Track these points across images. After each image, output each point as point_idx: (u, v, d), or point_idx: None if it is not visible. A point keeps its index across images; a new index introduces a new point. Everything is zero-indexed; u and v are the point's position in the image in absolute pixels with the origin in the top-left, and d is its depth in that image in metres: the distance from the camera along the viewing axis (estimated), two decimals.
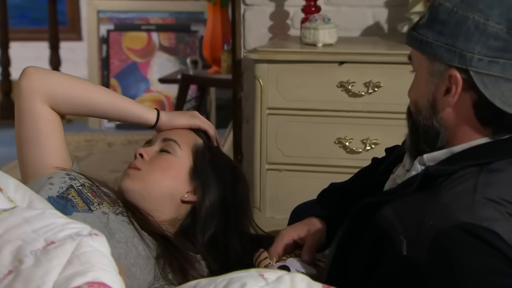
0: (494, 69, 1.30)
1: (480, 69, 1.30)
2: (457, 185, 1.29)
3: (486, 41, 1.29)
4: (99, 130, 5.29)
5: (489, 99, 1.30)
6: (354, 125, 2.49)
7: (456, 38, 1.31)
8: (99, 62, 5.37)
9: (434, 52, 1.34)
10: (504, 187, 1.27)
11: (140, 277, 1.55)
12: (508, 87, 1.29)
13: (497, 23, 1.29)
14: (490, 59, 1.29)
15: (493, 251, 1.19)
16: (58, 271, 1.06)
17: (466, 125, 1.35)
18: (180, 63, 5.25)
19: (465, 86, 1.32)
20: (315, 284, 1.17)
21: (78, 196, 1.59)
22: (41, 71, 1.65)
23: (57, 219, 1.16)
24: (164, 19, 5.35)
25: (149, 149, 1.69)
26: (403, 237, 1.29)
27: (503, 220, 1.22)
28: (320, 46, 2.54)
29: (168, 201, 1.67)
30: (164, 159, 1.67)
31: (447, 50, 1.32)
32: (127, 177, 1.67)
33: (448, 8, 1.34)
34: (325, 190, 1.72)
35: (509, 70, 1.29)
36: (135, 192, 1.65)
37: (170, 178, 1.67)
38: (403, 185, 1.39)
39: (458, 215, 1.23)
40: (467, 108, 1.34)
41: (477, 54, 1.30)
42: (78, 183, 1.62)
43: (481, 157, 1.32)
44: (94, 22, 5.37)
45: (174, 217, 1.69)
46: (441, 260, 1.22)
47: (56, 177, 1.62)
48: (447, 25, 1.33)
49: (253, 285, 1.13)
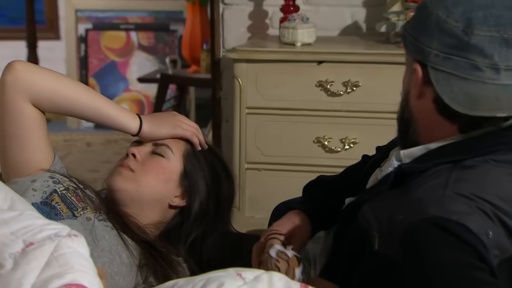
0: (448, 65, 1.31)
1: (436, 65, 1.32)
2: (429, 181, 1.30)
3: (443, 38, 1.31)
4: (77, 129, 5.26)
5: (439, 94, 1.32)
6: (332, 125, 2.50)
7: (420, 32, 1.35)
8: (78, 61, 5.34)
9: (407, 45, 1.39)
10: (476, 184, 1.28)
11: (123, 285, 1.54)
12: (459, 85, 1.31)
13: (456, 21, 1.31)
14: (445, 56, 1.31)
15: (462, 245, 1.20)
16: (36, 273, 1.05)
17: (432, 119, 1.36)
18: (159, 62, 5.23)
19: (425, 80, 1.34)
20: (293, 283, 1.18)
21: (61, 201, 1.57)
22: (27, 67, 1.61)
23: (36, 220, 1.15)
24: (143, 18, 5.33)
25: (141, 150, 1.67)
26: (376, 233, 1.31)
27: (474, 214, 1.23)
28: (299, 45, 2.55)
29: (156, 204, 1.67)
30: (157, 162, 1.66)
31: (413, 44, 1.36)
32: (119, 176, 1.64)
33: (424, 3, 1.37)
34: (313, 181, 1.73)
35: (461, 67, 1.30)
36: (126, 192, 1.63)
37: (162, 182, 1.66)
38: (379, 182, 1.41)
39: (428, 209, 1.24)
40: (429, 102, 1.36)
41: (434, 50, 1.32)
42: (62, 187, 1.60)
43: (454, 154, 1.33)
44: (72, 21, 5.34)
45: (159, 220, 1.69)
46: (411, 254, 1.23)
47: (39, 180, 1.60)
48: (419, 19, 1.37)
49: (231, 285, 1.13)
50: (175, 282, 1.20)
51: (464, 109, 1.30)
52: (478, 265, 1.19)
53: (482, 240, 1.21)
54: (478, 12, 1.31)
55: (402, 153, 1.40)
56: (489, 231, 1.22)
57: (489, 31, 1.29)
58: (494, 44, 1.29)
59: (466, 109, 1.30)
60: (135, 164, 1.65)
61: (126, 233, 1.59)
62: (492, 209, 1.25)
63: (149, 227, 1.67)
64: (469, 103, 1.30)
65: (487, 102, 1.30)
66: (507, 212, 1.26)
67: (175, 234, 1.68)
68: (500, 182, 1.30)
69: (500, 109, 1.31)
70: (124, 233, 1.59)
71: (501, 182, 1.30)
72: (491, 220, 1.24)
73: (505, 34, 1.29)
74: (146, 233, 1.65)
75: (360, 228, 1.36)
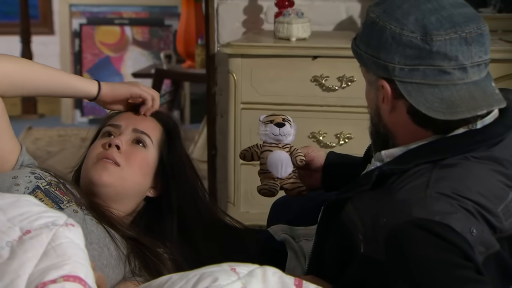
0: (415, 76, 1.31)
1: (403, 78, 1.32)
2: (410, 182, 1.30)
3: (403, 51, 1.31)
4: (72, 125, 5.25)
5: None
6: (327, 120, 2.50)
7: (379, 50, 1.34)
8: (72, 56, 5.33)
9: (365, 63, 1.38)
10: (457, 181, 1.27)
11: (113, 277, 1.53)
12: (431, 92, 1.30)
13: (411, 32, 1.31)
14: (410, 67, 1.31)
15: (446, 245, 1.20)
16: (33, 263, 1.05)
17: (407, 129, 1.36)
18: (153, 57, 5.22)
19: (395, 94, 1.34)
20: (287, 277, 1.18)
21: (45, 196, 1.54)
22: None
23: (33, 207, 1.14)
24: (137, 13, 5.32)
25: (123, 139, 1.65)
26: (361, 235, 1.31)
27: (456, 213, 1.23)
28: (293, 40, 2.55)
29: (136, 197, 1.67)
30: (140, 154, 1.65)
31: (373, 62, 1.35)
32: (104, 171, 1.61)
33: (372, 18, 1.36)
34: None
35: (429, 75, 1.30)
36: (111, 187, 1.62)
37: (144, 175, 1.66)
38: (360, 181, 1.40)
39: (411, 210, 1.23)
40: (403, 114, 1.35)
41: (398, 64, 1.32)
42: (44, 182, 1.57)
43: (434, 153, 1.33)
44: (67, 16, 5.32)
45: (133, 210, 1.68)
46: (396, 256, 1.23)
47: (21, 176, 1.57)
48: (372, 36, 1.35)
49: (225, 280, 1.13)
50: (169, 277, 1.20)
51: (444, 116, 1.30)
52: (463, 263, 1.19)
53: (466, 238, 1.21)
54: (431, 18, 1.31)
55: (383, 153, 1.40)
56: (473, 229, 1.22)
57: (447, 34, 1.29)
58: (455, 45, 1.29)
59: (446, 115, 1.30)
60: (120, 157, 1.62)
61: (109, 226, 1.59)
62: (474, 207, 1.25)
63: (125, 218, 1.66)
64: (447, 108, 1.30)
65: (464, 103, 1.30)
66: (490, 209, 1.26)
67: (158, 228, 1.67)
68: (482, 179, 1.29)
69: (479, 106, 1.31)
70: (108, 226, 1.58)
71: (482, 179, 1.29)
72: (474, 218, 1.24)
73: (462, 33, 1.30)
74: (126, 225, 1.64)
75: (344, 226, 1.36)
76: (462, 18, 1.31)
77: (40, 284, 1.02)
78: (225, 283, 1.13)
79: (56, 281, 1.02)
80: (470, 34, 1.30)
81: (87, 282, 1.05)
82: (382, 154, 1.40)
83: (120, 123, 1.69)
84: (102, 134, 1.70)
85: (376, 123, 1.42)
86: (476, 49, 1.30)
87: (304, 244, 1.68)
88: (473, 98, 1.30)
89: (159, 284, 1.20)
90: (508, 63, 2.36)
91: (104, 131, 1.69)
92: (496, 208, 1.27)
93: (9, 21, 5.54)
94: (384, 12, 1.34)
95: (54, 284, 1.02)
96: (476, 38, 1.30)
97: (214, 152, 2.97)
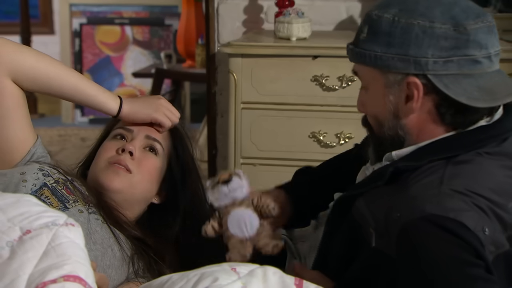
0: (450, 68, 1.31)
1: (437, 71, 1.31)
2: (424, 178, 1.30)
3: (437, 43, 1.31)
4: (72, 124, 5.25)
5: (454, 98, 1.31)
6: (328, 119, 2.50)
7: (407, 46, 1.32)
8: (72, 56, 5.33)
9: (387, 64, 1.35)
10: (470, 178, 1.28)
11: (115, 278, 1.53)
12: (468, 82, 1.31)
13: (443, 24, 1.31)
14: (445, 59, 1.31)
15: (459, 242, 1.20)
16: (33, 263, 1.05)
17: (429, 126, 1.36)
18: (154, 57, 5.22)
19: (426, 90, 1.33)
20: (287, 277, 1.18)
21: (52, 195, 1.55)
22: (9, 44, 1.58)
23: (32, 207, 1.15)
24: (137, 12, 5.32)
25: (136, 144, 1.65)
26: (372, 230, 1.31)
27: (470, 211, 1.23)
28: (294, 40, 2.55)
29: (142, 203, 1.68)
30: (151, 162, 1.65)
31: (400, 60, 1.33)
32: (116, 177, 1.61)
33: (389, 19, 1.34)
34: (301, 169, 1.75)
35: (464, 65, 1.31)
36: (121, 194, 1.62)
37: (152, 182, 1.66)
38: (374, 176, 1.40)
39: (425, 206, 1.24)
40: (428, 111, 1.35)
41: (431, 58, 1.31)
42: (51, 180, 1.57)
43: (447, 150, 1.33)
44: (67, 16, 5.32)
45: (137, 216, 1.69)
46: (408, 251, 1.23)
47: (29, 172, 1.57)
48: (393, 35, 1.33)
49: (225, 279, 1.13)
50: (169, 277, 1.20)
51: (485, 103, 1.31)
52: (474, 261, 1.19)
53: (479, 236, 1.21)
54: (455, 9, 1.32)
55: (394, 154, 1.39)
56: (486, 228, 1.23)
57: (476, 23, 1.32)
58: (485, 33, 1.32)
59: (487, 102, 1.32)
60: (132, 164, 1.62)
61: (115, 227, 1.59)
62: (487, 204, 1.25)
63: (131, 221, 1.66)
64: (487, 95, 1.31)
65: (499, 89, 1.32)
66: (501, 205, 1.27)
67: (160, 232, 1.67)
68: (493, 175, 1.30)
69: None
70: (114, 226, 1.58)
71: (493, 175, 1.30)
72: (487, 216, 1.25)
73: (486, 22, 1.33)
74: (133, 227, 1.64)
75: (354, 222, 1.36)
76: (478, 9, 1.34)
77: (40, 284, 1.02)
78: (225, 283, 1.13)
79: (56, 281, 1.02)
80: (490, 23, 1.33)
81: (87, 282, 1.05)
82: (393, 154, 1.39)
83: (132, 128, 1.68)
84: (114, 136, 1.69)
85: (392, 126, 1.38)
86: (495, 38, 1.35)
87: (300, 246, 1.68)
88: (506, 85, 1.33)
89: (160, 284, 1.20)
90: (508, 63, 2.36)
91: (116, 133, 1.69)
92: (507, 204, 1.27)
93: (9, 21, 5.55)
94: (401, 11, 1.33)
95: (54, 284, 1.02)
96: (493, 28, 1.34)
97: (215, 152, 2.97)
